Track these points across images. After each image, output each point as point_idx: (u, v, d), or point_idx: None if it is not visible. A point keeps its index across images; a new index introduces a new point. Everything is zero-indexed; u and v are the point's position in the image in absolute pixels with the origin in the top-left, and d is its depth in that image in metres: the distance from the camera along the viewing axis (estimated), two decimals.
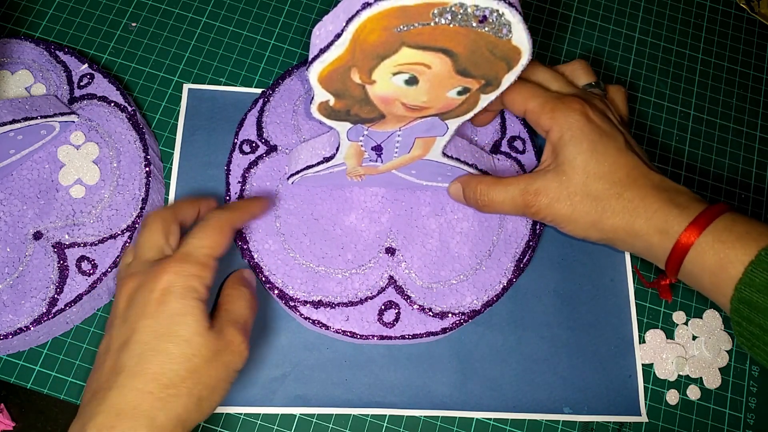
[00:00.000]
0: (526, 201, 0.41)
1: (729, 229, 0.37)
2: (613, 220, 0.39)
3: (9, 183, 0.45)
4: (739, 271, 0.35)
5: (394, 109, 0.36)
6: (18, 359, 0.45)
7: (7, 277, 0.43)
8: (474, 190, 0.43)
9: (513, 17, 0.30)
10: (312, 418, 0.45)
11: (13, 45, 0.49)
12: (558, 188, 0.40)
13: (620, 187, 0.39)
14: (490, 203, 0.43)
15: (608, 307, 0.50)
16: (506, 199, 0.42)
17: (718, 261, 0.36)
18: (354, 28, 0.30)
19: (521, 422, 0.47)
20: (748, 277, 0.35)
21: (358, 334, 0.44)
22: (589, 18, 0.60)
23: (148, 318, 0.34)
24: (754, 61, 0.59)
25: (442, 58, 0.32)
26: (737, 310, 0.36)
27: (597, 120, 0.41)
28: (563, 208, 0.40)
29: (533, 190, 0.41)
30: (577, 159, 0.40)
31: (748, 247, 0.35)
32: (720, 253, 0.36)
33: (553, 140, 0.41)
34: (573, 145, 0.40)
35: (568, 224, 0.41)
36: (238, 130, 0.48)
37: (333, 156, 0.42)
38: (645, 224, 0.39)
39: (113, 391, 0.33)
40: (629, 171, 0.40)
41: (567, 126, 0.40)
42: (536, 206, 0.41)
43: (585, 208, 0.40)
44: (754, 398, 0.49)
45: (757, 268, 0.35)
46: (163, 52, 0.53)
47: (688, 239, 0.37)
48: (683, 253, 0.38)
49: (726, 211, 0.38)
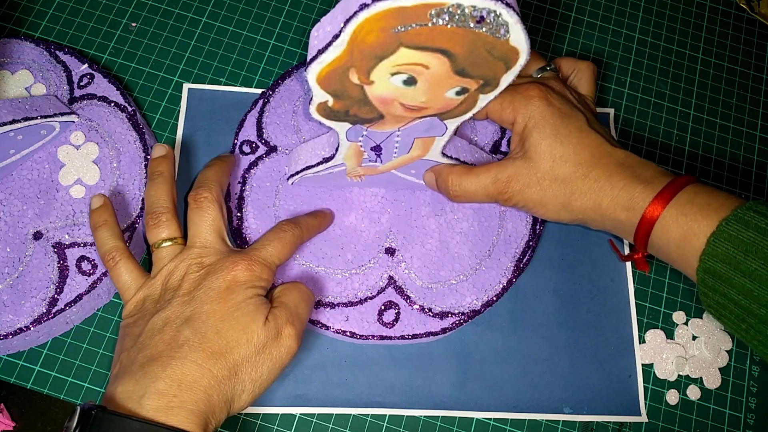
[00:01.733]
0: (498, 188, 0.42)
1: (691, 202, 0.37)
2: (582, 201, 0.40)
3: (9, 183, 0.45)
4: (702, 242, 0.36)
5: (392, 110, 0.36)
6: (18, 359, 0.45)
7: (7, 277, 0.43)
8: (446, 181, 0.44)
9: (510, 18, 0.30)
10: (312, 418, 0.45)
11: (13, 45, 0.49)
12: (527, 174, 0.41)
13: (586, 167, 0.40)
14: (462, 193, 0.43)
15: (608, 307, 0.50)
16: (478, 188, 0.42)
17: (682, 233, 0.37)
18: (352, 29, 0.30)
19: (521, 422, 0.47)
20: (710, 248, 0.36)
21: (357, 334, 0.44)
22: (589, 18, 0.60)
23: (214, 303, 0.36)
24: (754, 61, 0.59)
25: (440, 59, 0.32)
26: (703, 281, 0.37)
27: (556, 103, 0.41)
28: (534, 193, 0.41)
29: (504, 177, 0.41)
30: (542, 144, 0.41)
31: (709, 219, 0.36)
32: (683, 225, 0.37)
33: (518, 131, 0.42)
34: (536, 132, 0.41)
35: (539, 208, 0.42)
36: (238, 130, 0.48)
37: (332, 156, 0.42)
38: (612, 202, 0.39)
39: (176, 361, 0.34)
40: (593, 150, 0.40)
41: (528, 114, 0.41)
42: (508, 193, 0.42)
43: (554, 192, 0.41)
44: (754, 398, 0.49)
45: (718, 239, 0.36)
46: (163, 52, 0.53)
47: (652, 213, 0.38)
48: (649, 228, 0.38)
49: (690, 183, 0.38)
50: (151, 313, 0.37)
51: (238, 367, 0.35)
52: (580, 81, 0.46)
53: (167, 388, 0.33)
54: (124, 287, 0.40)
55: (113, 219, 0.42)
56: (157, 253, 0.40)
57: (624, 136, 0.55)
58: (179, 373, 0.34)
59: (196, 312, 0.36)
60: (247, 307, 0.36)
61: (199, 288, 0.37)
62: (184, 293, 0.37)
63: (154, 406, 0.32)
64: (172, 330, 0.35)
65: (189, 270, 0.38)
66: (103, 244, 0.41)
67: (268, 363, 0.36)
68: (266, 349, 0.36)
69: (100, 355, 0.45)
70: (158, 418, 0.32)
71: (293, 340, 0.37)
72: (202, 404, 0.33)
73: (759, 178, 0.55)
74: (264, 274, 0.39)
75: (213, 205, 0.41)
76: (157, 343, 0.35)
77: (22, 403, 0.44)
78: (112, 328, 0.46)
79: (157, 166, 0.43)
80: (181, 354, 0.34)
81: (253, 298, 0.37)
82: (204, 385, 0.34)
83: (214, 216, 0.40)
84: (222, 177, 0.43)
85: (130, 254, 0.41)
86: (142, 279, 0.40)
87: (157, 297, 0.38)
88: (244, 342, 0.35)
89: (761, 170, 0.56)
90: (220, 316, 0.36)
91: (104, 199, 0.43)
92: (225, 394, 0.34)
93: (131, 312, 0.39)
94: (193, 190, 0.42)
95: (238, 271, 0.37)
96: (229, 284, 0.37)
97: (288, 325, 0.37)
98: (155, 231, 0.40)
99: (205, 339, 0.35)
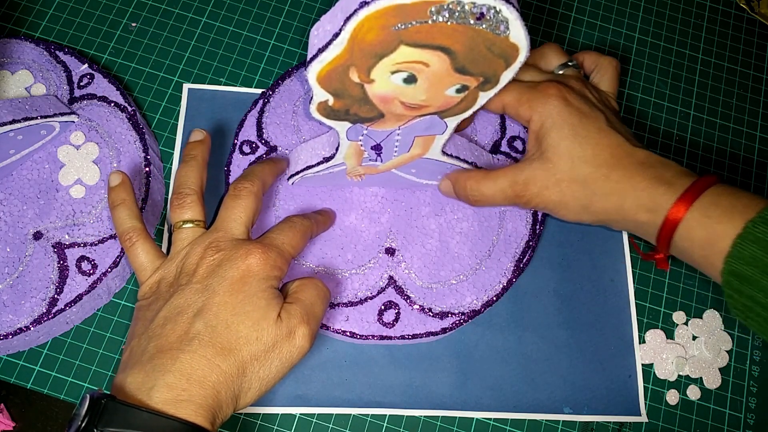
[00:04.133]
0: (516, 192, 0.41)
1: (715, 204, 0.37)
2: (603, 203, 0.40)
3: (9, 183, 0.45)
4: (727, 244, 0.36)
5: (393, 108, 0.36)
6: (18, 359, 0.45)
7: (7, 277, 0.43)
8: (464, 187, 0.44)
9: (510, 14, 0.30)
10: (312, 418, 0.45)
11: (13, 45, 0.49)
12: (545, 176, 0.41)
13: (606, 168, 0.40)
14: (481, 198, 0.43)
15: (608, 307, 0.50)
16: (497, 192, 0.42)
17: (706, 236, 0.37)
18: (352, 27, 0.30)
19: (521, 422, 0.47)
20: (736, 250, 0.35)
21: (357, 334, 0.44)
22: (589, 18, 0.60)
23: (227, 294, 0.36)
24: (754, 61, 0.59)
25: (440, 56, 0.32)
26: (728, 283, 0.36)
27: (575, 102, 0.41)
28: (553, 195, 0.41)
29: (522, 180, 0.41)
30: (561, 145, 0.40)
31: (734, 221, 0.36)
32: (708, 228, 0.37)
33: (534, 129, 0.42)
34: (554, 132, 0.40)
35: (560, 210, 0.41)
36: (238, 130, 0.48)
37: (333, 156, 0.42)
38: (633, 204, 0.39)
39: (185, 355, 0.34)
40: (613, 150, 0.40)
41: (546, 113, 0.41)
42: (526, 196, 0.41)
43: (574, 193, 0.40)
44: (754, 398, 0.49)
45: (744, 241, 0.35)
46: (163, 52, 0.53)
47: (675, 215, 0.38)
48: (672, 230, 0.38)
49: (713, 184, 0.38)
50: (165, 298, 0.37)
51: (247, 364, 0.35)
52: (602, 78, 0.46)
53: (176, 381, 0.33)
54: (140, 268, 0.39)
55: (131, 198, 0.41)
56: (178, 233, 0.40)
57: None
58: (188, 367, 0.33)
59: (208, 303, 0.35)
60: (259, 301, 0.36)
61: (213, 276, 0.36)
62: (198, 280, 0.37)
63: (163, 398, 0.32)
64: (184, 321, 0.35)
65: (205, 254, 0.38)
66: (121, 224, 0.40)
67: (277, 362, 0.36)
68: (277, 348, 0.36)
69: (100, 355, 0.45)
70: (167, 411, 0.32)
71: (306, 340, 0.36)
72: (211, 399, 0.33)
73: (759, 178, 0.55)
74: (278, 263, 0.38)
75: (250, 197, 0.40)
76: (168, 334, 0.35)
77: (22, 403, 0.44)
78: (112, 328, 0.46)
79: (191, 149, 0.42)
80: (191, 348, 0.34)
81: (266, 291, 0.36)
82: (213, 381, 0.33)
83: (247, 207, 0.40)
84: (268, 175, 0.43)
85: (148, 235, 0.40)
86: (159, 260, 0.39)
87: (171, 280, 0.38)
88: (254, 339, 0.35)
89: (761, 170, 0.56)
90: (231, 309, 0.35)
91: (123, 177, 0.41)
92: (233, 390, 0.34)
93: (146, 294, 0.39)
94: (235, 180, 0.41)
95: (252, 260, 0.37)
96: (243, 274, 0.36)
97: (303, 324, 0.36)
98: (178, 211, 0.40)
99: (215, 333, 0.35)
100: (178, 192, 0.40)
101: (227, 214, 0.40)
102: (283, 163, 0.45)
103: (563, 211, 0.41)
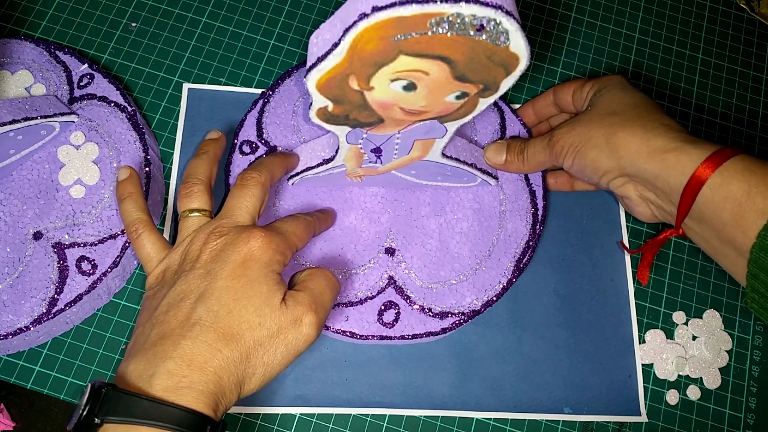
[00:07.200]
0: (550, 136, 0.44)
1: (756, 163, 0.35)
2: (628, 133, 0.40)
3: (9, 183, 0.45)
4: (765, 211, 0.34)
5: (392, 114, 0.36)
6: (18, 359, 0.45)
7: (7, 277, 0.43)
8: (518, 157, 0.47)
9: (511, 25, 0.30)
10: (312, 418, 0.45)
11: (13, 45, 0.49)
12: (577, 120, 0.43)
13: (642, 109, 0.41)
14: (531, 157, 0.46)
15: (608, 307, 0.50)
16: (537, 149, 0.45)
17: (746, 190, 0.35)
18: (351, 37, 0.30)
19: (521, 422, 0.47)
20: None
21: (357, 334, 0.44)
22: (589, 18, 0.59)
23: (229, 278, 0.35)
24: (754, 61, 0.59)
25: (440, 65, 0.32)
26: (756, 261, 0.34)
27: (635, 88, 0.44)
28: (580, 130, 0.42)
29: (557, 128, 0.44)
30: (605, 96, 0.43)
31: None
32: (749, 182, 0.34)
33: (590, 97, 0.45)
34: (607, 91, 0.43)
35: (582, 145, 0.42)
36: (238, 130, 0.48)
37: (333, 158, 0.42)
38: (662, 143, 0.38)
39: (186, 341, 0.33)
40: (651, 109, 0.41)
41: (607, 81, 0.44)
42: (555, 136, 0.44)
43: (601, 123, 0.42)
44: (754, 398, 0.49)
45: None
46: (163, 52, 0.53)
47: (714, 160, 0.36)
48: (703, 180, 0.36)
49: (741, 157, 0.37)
50: (170, 285, 0.37)
51: (251, 350, 0.34)
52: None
53: (177, 368, 0.33)
54: (146, 259, 0.39)
55: (138, 191, 0.41)
56: (184, 221, 0.40)
57: None
58: (189, 353, 0.33)
59: (209, 288, 0.35)
60: (261, 286, 0.35)
61: (215, 260, 0.36)
62: (201, 265, 0.37)
63: (163, 385, 0.32)
64: (186, 307, 0.35)
65: (208, 239, 0.38)
66: (128, 216, 0.40)
67: (282, 348, 0.35)
68: (281, 334, 0.35)
69: (100, 355, 0.45)
70: (168, 398, 0.32)
71: (313, 329, 0.36)
72: (212, 385, 0.33)
73: None
74: (281, 248, 0.37)
75: (257, 186, 0.40)
76: (170, 320, 0.35)
77: (22, 403, 0.44)
78: (112, 328, 0.46)
79: (204, 146, 0.43)
80: (192, 334, 0.34)
81: (268, 276, 0.36)
82: (214, 366, 0.33)
83: (253, 196, 0.40)
84: (277, 168, 0.43)
85: (154, 226, 0.40)
86: (165, 251, 0.39)
87: (176, 267, 0.38)
88: (257, 325, 0.35)
89: None
90: (233, 294, 0.35)
91: (130, 171, 0.42)
92: (236, 376, 0.34)
93: (152, 284, 0.39)
94: (244, 170, 0.42)
95: (254, 243, 0.36)
96: (245, 258, 0.36)
97: (310, 312, 0.36)
98: (186, 200, 0.40)
99: (217, 318, 0.34)
100: (186, 181, 0.41)
101: (233, 203, 0.40)
102: (293, 158, 0.45)
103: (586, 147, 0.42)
